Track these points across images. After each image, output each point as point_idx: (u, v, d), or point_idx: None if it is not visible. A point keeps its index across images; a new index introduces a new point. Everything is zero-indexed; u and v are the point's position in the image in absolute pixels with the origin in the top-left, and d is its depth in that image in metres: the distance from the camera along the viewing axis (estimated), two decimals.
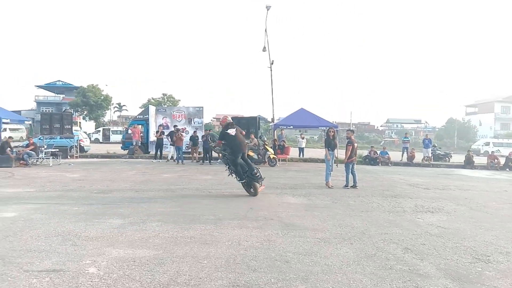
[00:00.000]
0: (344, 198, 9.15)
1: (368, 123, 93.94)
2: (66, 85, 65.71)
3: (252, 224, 6.13)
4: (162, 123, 22.12)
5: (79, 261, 4.18)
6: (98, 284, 3.55)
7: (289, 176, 13.85)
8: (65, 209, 7.01)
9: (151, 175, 13.20)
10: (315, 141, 52.79)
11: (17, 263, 4.05)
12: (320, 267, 4.20)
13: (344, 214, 7.19)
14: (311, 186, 11.06)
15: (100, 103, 58.10)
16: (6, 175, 12.21)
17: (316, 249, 4.88)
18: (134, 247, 4.77)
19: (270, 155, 17.79)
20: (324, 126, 19.36)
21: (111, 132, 46.53)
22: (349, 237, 5.52)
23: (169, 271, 3.95)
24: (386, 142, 47.14)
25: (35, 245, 4.74)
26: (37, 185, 10.18)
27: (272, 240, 5.23)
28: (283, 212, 7.21)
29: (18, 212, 6.63)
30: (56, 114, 20.48)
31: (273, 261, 4.35)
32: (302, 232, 5.72)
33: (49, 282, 3.56)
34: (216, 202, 8.13)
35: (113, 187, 9.96)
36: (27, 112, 59.44)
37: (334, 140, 11.67)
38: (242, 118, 22.41)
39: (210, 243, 4.99)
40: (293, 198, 8.95)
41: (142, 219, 6.34)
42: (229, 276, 3.85)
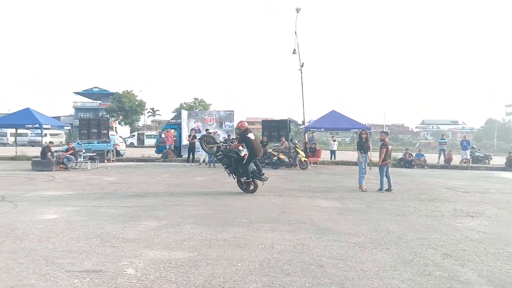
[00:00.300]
0: (379, 201, 8.95)
1: (402, 124, 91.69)
2: (102, 92, 68.14)
3: (285, 228, 6.10)
4: (194, 127, 22.50)
5: (117, 262, 4.31)
6: (136, 285, 3.64)
7: (320, 179, 13.70)
8: (103, 212, 7.25)
9: (184, 178, 13.42)
10: (346, 144, 52.01)
11: (59, 264, 4.22)
12: (355, 272, 4.12)
13: (379, 218, 7.03)
14: (344, 190, 10.89)
15: (135, 109, 59.84)
16: (48, 179, 12.77)
17: (351, 253, 4.80)
18: (170, 249, 4.86)
19: (301, 158, 17.68)
20: (356, 128, 19.05)
21: (145, 137, 47.79)
22: (385, 242, 5.39)
23: (204, 273, 3.99)
24: (422, 144, 45.72)
25: (75, 246, 4.92)
26: (76, 188, 10.58)
27: (306, 244, 5.18)
28: (315, 215, 7.14)
29: (59, 214, 6.91)
30: (93, 119, 21.25)
31: (307, 265, 4.31)
32: (336, 236, 5.64)
33: (90, 282, 3.68)
34: (248, 205, 8.15)
35: (148, 190, 10.20)
36: (66, 118, 62.07)
37: (367, 142, 11.45)
38: (272, 121, 22.44)
39: (244, 246, 5.01)
40: (326, 201, 8.84)
41: (177, 221, 6.45)
42: (263, 279, 3.85)
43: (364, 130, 12.08)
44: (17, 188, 10.41)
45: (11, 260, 4.32)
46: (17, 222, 6.24)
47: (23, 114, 20.58)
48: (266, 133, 20.23)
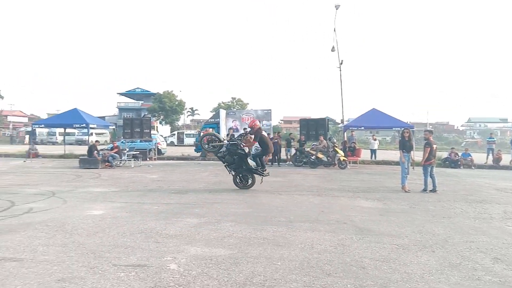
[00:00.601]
0: (423, 203, 8.64)
1: (447, 122, 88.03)
2: (144, 92, 70.28)
3: (324, 228, 6.03)
4: (232, 126, 22.72)
5: (161, 257, 4.43)
6: (179, 280, 3.73)
7: (361, 179, 13.42)
8: (147, 208, 7.49)
9: (223, 176, 13.56)
10: (387, 143, 50.63)
11: (106, 258, 4.40)
12: (399, 275, 4.00)
13: (423, 220, 6.79)
14: (385, 190, 10.60)
15: (175, 108, 61.31)
16: (94, 176, 13.36)
17: (394, 255, 4.66)
18: (210, 246, 4.94)
19: (340, 157, 17.38)
20: (398, 127, 18.47)
21: (185, 136, 48.84)
22: (430, 245, 5.20)
23: (244, 270, 4.02)
24: (468, 143, 43.59)
25: (121, 241, 5.11)
26: (121, 185, 11.00)
27: (346, 244, 5.09)
28: (356, 216, 7.00)
29: (106, 210, 7.21)
30: (136, 119, 21.99)
31: (348, 266, 4.24)
32: (378, 237, 5.50)
33: (135, 276, 3.81)
34: (286, 204, 8.13)
35: (189, 188, 10.43)
36: (110, 117, 64.55)
37: (409, 141, 11.07)
38: (310, 119, 22.22)
39: (283, 245, 5.00)
40: (367, 202, 8.65)
41: (217, 219, 6.55)
42: (304, 279, 3.82)
43: (406, 128, 11.68)
44: (66, 184, 10.97)
45: (62, 253, 4.56)
46: (67, 217, 6.57)
47: (71, 114, 21.65)
48: (304, 132, 20.05)
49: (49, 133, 49.61)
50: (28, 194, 9.05)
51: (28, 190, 9.63)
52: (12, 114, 78.35)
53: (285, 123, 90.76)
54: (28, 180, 11.98)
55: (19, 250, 4.65)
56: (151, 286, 3.58)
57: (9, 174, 13.86)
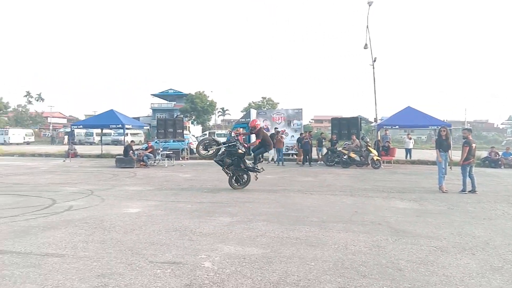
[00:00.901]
0: (462, 204, 8.32)
1: (486, 120, 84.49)
2: (177, 93, 71.60)
3: (359, 228, 5.93)
4: (263, 125, 22.73)
5: (195, 255, 4.51)
6: (214, 278, 3.78)
7: (395, 179, 13.09)
8: (181, 206, 7.63)
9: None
10: (423, 142, 49.16)
11: (143, 254, 4.52)
12: (438, 278, 3.87)
13: (462, 222, 6.54)
14: (421, 190, 10.29)
15: (206, 109, 62.06)
16: (130, 175, 13.75)
17: (432, 258, 4.52)
18: (243, 244, 4.97)
19: (374, 157, 17.03)
20: (434, 125, 17.90)
21: (216, 135, 49.39)
22: (470, 247, 5.00)
23: (277, 270, 4.02)
24: (509, 141, 41.65)
25: (157, 238, 5.24)
26: (155, 184, 11.26)
27: (382, 246, 4.99)
28: (391, 217, 6.84)
29: (141, 208, 7.41)
30: (169, 119, 22.39)
31: (384, 268, 4.14)
32: (415, 239, 5.35)
33: (171, 273, 3.89)
34: (319, 204, 8.05)
35: (221, 187, 10.53)
36: (144, 118, 66.18)
37: (446, 140, 10.69)
38: (342, 118, 21.90)
39: (316, 245, 4.96)
40: (402, 202, 8.43)
41: (249, 218, 6.58)
42: (338, 280, 3.78)
43: (443, 127, 11.28)
44: (104, 183, 11.35)
45: (101, 249, 4.72)
46: (105, 214, 6.80)
47: (107, 116, 22.36)
48: (335, 131, 19.78)
49: (87, 133, 51.52)
50: (68, 192, 9.43)
51: (68, 189, 10.04)
52: (52, 115, 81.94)
53: (316, 122, 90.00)
54: (67, 179, 12.49)
55: (61, 246, 4.86)
56: (186, 283, 3.65)
57: (50, 173, 14.50)
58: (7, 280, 3.68)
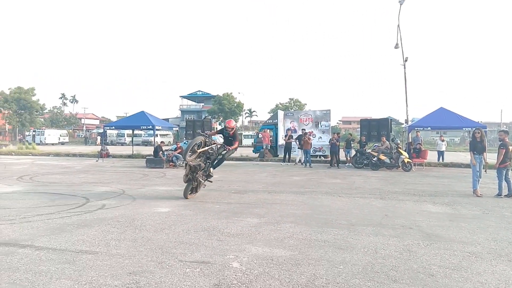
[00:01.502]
0: (497, 208, 8.01)
1: None
2: (205, 95, 72.54)
3: (389, 232, 5.80)
4: (290, 127, 22.68)
5: (224, 255, 4.55)
6: (242, 279, 3.80)
7: (427, 182, 12.74)
8: (209, 207, 7.72)
9: (281, 177, 13.61)
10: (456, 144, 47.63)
11: (172, 253, 4.60)
12: (472, 284, 3.74)
13: (498, 227, 6.29)
14: (454, 194, 9.97)
15: (234, 110, 62.47)
16: (159, 175, 14.02)
17: (465, 264, 4.37)
18: (271, 246, 4.97)
19: (405, 159, 16.64)
20: (468, 127, 17.32)
21: (243, 137, 49.63)
22: (506, 253, 4.80)
23: (305, 272, 4.00)
24: None
25: (186, 238, 5.32)
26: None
27: (413, 250, 4.86)
28: (423, 221, 6.66)
29: (171, 208, 7.54)
30: (198, 121, 22.77)
31: (415, 273, 4.04)
32: (448, 244, 5.19)
33: (200, 273, 3.95)
34: (347, 207, 7.95)
35: (248, 188, 10.58)
36: (173, 119, 67.42)
37: (481, 142, 10.30)
38: (372, 119, 21.55)
39: (345, 249, 4.89)
40: (434, 206, 8.19)
41: (276, 219, 6.58)
42: (368, 284, 3.71)
43: (478, 128, 10.88)
44: (134, 183, 11.63)
45: (132, 247, 4.84)
46: (136, 213, 6.97)
47: (138, 117, 22.96)
48: (364, 133, 19.46)
49: (119, 134, 53.03)
50: (100, 191, 9.72)
51: (100, 188, 10.36)
52: (86, 117, 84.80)
53: (344, 124, 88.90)
54: (100, 178, 12.88)
55: (94, 243, 5.01)
56: (215, 283, 3.69)
57: (83, 172, 15.00)
58: (43, 276, 3.84)
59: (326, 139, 21.26)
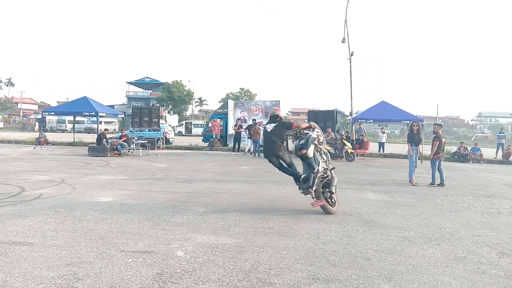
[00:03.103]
0: (430, 196, 8.61)
1: (457, 117, 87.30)
2: (153, 82, 70.41)
3: (330, 219, 6.04)
4: (240, 117, 22.72)
5: (168, 244, 4.49)
6: (186, 267, 3.78)
7: (368, 171, 13.38)
8: (154, 196, 7.56)
9: (230, 167, 13.64)
10: (396, 136, 50.31)
11: (114, 244, 4.47)
12: (404, 267, 4.01)
13: (430, 214, 6.77)
14: (392, 183, 10.57)
15: (183, 98, 61.40)
16: (103, 164, 13.49)
17: (399, 248, 4.67)
18: (217, 234, 4.99)
19: (348, 150, 17.33)
20: (407, 120, 18.34)
21: (192, 126, 49.05)
22: (436, 238, 5.19)
23: (250, 259, 4.06)
24: (478, 137, 43.22)
25: (129, 227, 5.18)
26: (129, 173, 11.10)
27: (352, 236, 5.11)
28: (362, 208, 7.01)
29: (114, 198, 7.30)
30: (145, 108, 22.09)
31: (353, 257, 4.26)
32: (384, 230, 5.51)
33: (142, 262, 3.87)
34: (292, 195, 8.13)
35: (196, 177, 10.49)
36: (119, 106, 64.89)
37: (418, 134, 11.00)
38: (319, 111, 22.13)
39: (289, 235, 5.03)
40: (373, 194, 8.64)
41: (223, 208, 6.60)
42: (309, 268, 3.85)
43: (415, 121, 11.59)
44: (75, 172, 11.10)
45: (71, 238, 4.63)
46: (76, 203, 6.67)
47: (80, 103, 21.80)
48: None
49: (59, 120, 50.15)
50: (38, 180, 9.18)
51: (38, 177, 9.77)
52: (23, 101, 79.19)
53: (293, 115, 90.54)
54: (38, 166, 12.14)
55: (29, 234, 4.74)
56: (158, 272, 3.64)
57: (19, 160, 14.05)
58: None
59: None
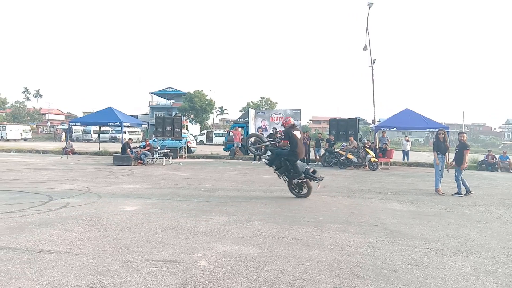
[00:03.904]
0: (458, 206, 8.36)
1: (484, 124, 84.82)
2: (175, 92, 71.54)
3: (354, 229, 5.94)
4: (261, 125, 22.79)
5: (191, 253, 4.51)
6: (209, 277, 3.78)
7: (392, 180, 13.13)
8: (177, 205, 7.63)
9: (252, 176, 13.65)
10: (420, 144, 49.26)
11: (139, 252, 4.52)
12: (432, 279, 3.89)
13: (458, 224, 6.57)
14: (418, 193, 10.33)
15: (205, 108, 62.03)
16: (127, 173, 13.73)
17: (427, 260, 4.54)
18: (239, 244, 4.98)
19: (371, 159, 17.08)
20: (432, 128, 17.96)
21: (214, 135, 49.39)
22: (465, 249, 5.03)
23: (273, 269, 4.03)
24: (506, 145, 41.84)
25: (153, 236, 5.24)
26: (152, 182, 11.26)
27: (377, 247, 5.00)
28: (387, 218, 6.86)
29: (138, 206, 7.40)
30: (167, 118, 22.38)
31: (379, 269, 4.16)
32: (410, 241, 5.37)
33: (167, 272, 3.90)
34: (316, 205, 8.07)
35: (218, 186, 10.54)
36: (142, 116, 66.07)
37: (444, 142, 10.73)
38: (340, 119, 21.95)
39: (312, 246, 4.97)
40: (398, 204, 8.45)
41: (246, 217, 6.59)
42: (333, 280, 3.79)
43: (442, 129, 11.31)
44: (101, 181, 11.33)
45: (97, 247, 4.71)
46: (101, 212, 6.79)
47: (105, 113, 22.35)
48: (333, 132, 19.83)
49: (85, 130, 51.47)
50: (65, 189, 9.41)
51: (64, 186, 10.02)
52: (50, 112, 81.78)
53: (314, 123, 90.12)
54: (65, 175, 12.47)
55: (57, 243, 4.85)
56: (182, 281, 3.65)
57: (47, 169, 14.47)
58: (2, 276, 3.68)
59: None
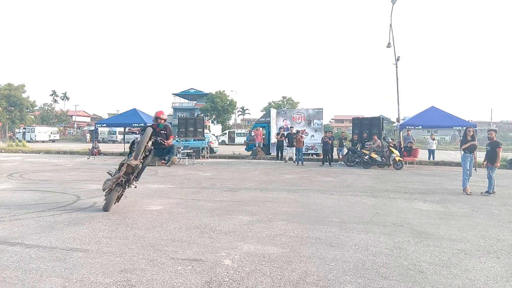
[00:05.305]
0: (486, 206, 8.11)
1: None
2: (197, 93, 72.28)
3: (380, 230, 5.85)
4: (282, 125, 22.72)
5: (216, 252, 4.55)
6: (234, 276, 3.81)
7: (418, 180, 12.85)
8: (201, 205, 7.71)
9: (274, 175, 13.63)
10: (446, 143, 48.06)
11: (164, 251, 4.59)
12: (461, 281, 3.79)
13: (487, 224, 6.37)
14: (445, 192, 10.07)
15: (226, 108, 62.36)
16: (151, 173, 13.95)
17: (455, 261, 4.43)
18: (263, 243, 4.99)
19: (396, 158, 16.76)
20: (459, 126, 17.49)
21: (235, 135, 49.67)
22: (495, 250, 4.87)
23: (297, 269, 4.02)
24: None
25: (178, 235, 5.31)
26: (176, 182, 11.41)
27: (403, 247, 4.91)
28: (413, 218, 6.73)
29: (163, 206, 7.52)
30: (190, 118, 22.63)
31: (405, 270, 4.09)
32: (437, 241, 5.25)
33: (192, 270, 3.95)
34: (339, 205, 7.99)
35: (240, 186, 10.58)
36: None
37: (472, 141, 10.43)
38: (364, 118, 21.64)
39: (336, 246, 4.93)
40: (424, 204, 8.27)
41: (268, 217, 6.59)
42: (359, 281, 3.74)
43: (470, 127, 11.00)
44: None
45: (123, 245, 4.82)
46: (127, 211, 6.94)
47: (130, 114, 22.78)
48: (356, 131, 19.57)
49: (110, 132, 52.62)
50: (92, 189, 9.65)
51: (92, 186, 10.28)
52: (77, 114, 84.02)
53: (336, 122, 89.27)
54: (91, 176, 12.79)
55: (85, 241, 4.98)
56: (207, 280, 3.69)
57: (74, 170, 14.88)
58: (33, 274, 3.81)
59: (319, 138, 21.39)
